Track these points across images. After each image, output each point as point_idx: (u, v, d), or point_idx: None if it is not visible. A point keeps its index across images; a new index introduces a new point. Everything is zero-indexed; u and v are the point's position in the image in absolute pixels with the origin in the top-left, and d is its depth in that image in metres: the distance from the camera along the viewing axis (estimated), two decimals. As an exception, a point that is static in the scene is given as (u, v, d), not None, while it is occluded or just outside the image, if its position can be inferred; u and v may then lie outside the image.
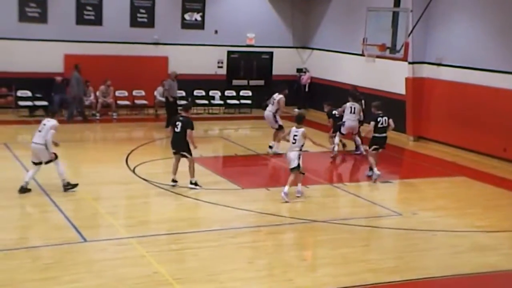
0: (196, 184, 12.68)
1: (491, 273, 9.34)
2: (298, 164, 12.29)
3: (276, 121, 16.00)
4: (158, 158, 15.34)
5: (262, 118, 19.69)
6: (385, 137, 14.10)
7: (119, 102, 20.85)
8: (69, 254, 9.17)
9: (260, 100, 23.01)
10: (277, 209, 11.75)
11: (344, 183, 14.02)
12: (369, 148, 14.12)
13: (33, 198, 11.73)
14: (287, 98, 16.43)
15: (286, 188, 12.17)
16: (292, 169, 12.35)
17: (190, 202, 12.01)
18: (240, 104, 22.60)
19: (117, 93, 20.85)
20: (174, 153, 12.74)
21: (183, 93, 20.82)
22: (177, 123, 12.56)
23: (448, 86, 17.85)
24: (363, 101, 16.40)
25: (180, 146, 12.55)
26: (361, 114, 16.08)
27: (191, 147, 12.49)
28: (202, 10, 22.16)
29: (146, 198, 12.35)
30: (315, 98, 22.77)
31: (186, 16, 22.00)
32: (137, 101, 21.26)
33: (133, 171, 13.85)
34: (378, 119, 13.89)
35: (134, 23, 21.25)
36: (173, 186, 12.62)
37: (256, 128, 20.55)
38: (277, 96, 16.15)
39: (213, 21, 22.24)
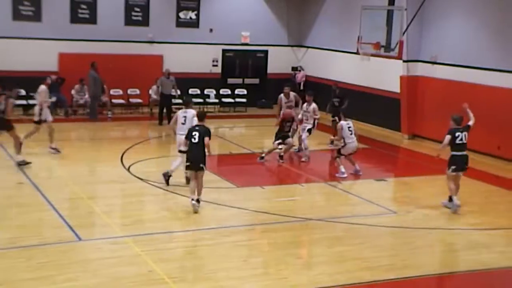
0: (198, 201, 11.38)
1: (486, 271, 9.36)
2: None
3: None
4: (153, 156, 15.32)
5: (257, 116, 19.76)
6: (466, 156, 12.13)
7: (114, 100, 20.81)
8: (64, 253, 9.14)
9: (255, 98, 23.06)
10: (272, 207, 11.75)
11: (339, 181, 14.03)
12: (448, 169, 12.03)
13: (27, 196, 11.71)
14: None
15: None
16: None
17: (185, 201, 11.97)
18: (235, 102, 22.58)
19: (112, 92, 20.81)
20: (189, 168, 11.32)
21: (179, 92, 20.78)
22: (194, 133, 11.26)
23: (442, 84, 17.88)
24: (346, 102, 16.18)
25: (199, 158, 11.21)
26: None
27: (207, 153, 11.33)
28: (197, 9, 22.13)
29: (141, 197, 12.33)
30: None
31: (181, 15, 21.97)
32: (132, 100, 21.23)
33: (128, 170, 13.83)
34: (457, 134, 11.97)
35: (128, 21, 21.21)
36: (197, 206, 11.23)
37: (251, 127, 20.55)
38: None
39: (208, 19, 22.22)
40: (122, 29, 21.07)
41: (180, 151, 12.51)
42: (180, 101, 21.16)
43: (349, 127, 14.03)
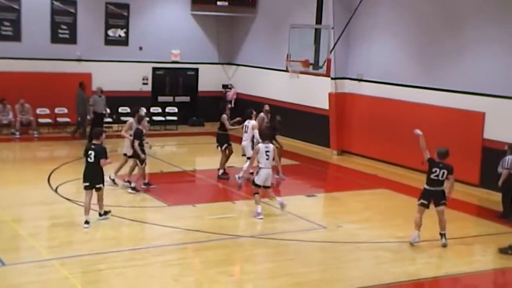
0: (106, 213, 11.68)
1: (411, 282, 9.65)
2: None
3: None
4: (81, 176, 14.98)
5: (188, 134, 19.62)
6: (439, 192, 11.09)
7: (40, 120, 20.29)
8: (-14, 279, 8.82)
9: (186, 116, 22.99)
10: (203, 225, 11.73)
11: (270, 198, 14.13)
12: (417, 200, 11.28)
13: None
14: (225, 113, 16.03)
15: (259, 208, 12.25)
16: (267, 187, 12.48)
17: (115, 221, 11.79)
18: (166, 120, 22.45)
19: (38, 111, 20.29)
20: (86, 188, 11.39)
21: (108, 110, 20.50)
22: (90, 152, 11.37)
23: (368, 101, 18.41)
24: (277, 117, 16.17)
25: (95, 178, 11.39)
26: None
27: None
28: (126, 26, 21.96)
29: (69, 218, 12.02)
30: (241, 113, 22.84)
31: (110, 32, 21.73)
32: (60, 119, 20.75)
33: (56, 190, 13.49)
34: (434, 169, 11.03)
35: (55, 39, 20.79)
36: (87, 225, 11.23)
37: (182, 145, 20.47)
38: (249, 123, 15.10)
39: (137, 37, 22.07)
40: (48, 47, 20.62)
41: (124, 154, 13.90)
42: (110, 120, 20.98)
43: (267, 151, 12.45)
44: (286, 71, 19.84)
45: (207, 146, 19.88)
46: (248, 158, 14.14)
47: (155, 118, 22.28)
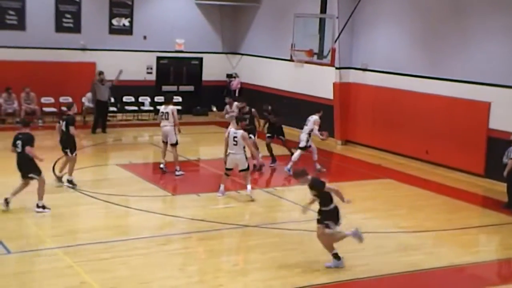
0: (44, 207, 11.38)
1: (415, 272, 9.66)
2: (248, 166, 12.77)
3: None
4: (86, 166, 15.02)
5: (192, 124, 19.61)
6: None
7: (45, 109, 20.32)
8: (-8, 267, 8.87)
9: (190, 106, 22.98)
10: (208, 215, 11.76)
11: (274, 187, 14.16)
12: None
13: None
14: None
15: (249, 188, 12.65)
16: (241, 171, 12.88)
17: (120, 210, 11.84)
18: (170, 110, 22.41)
19: (43, 100, 20.32)
20: (22, 177, 11.40)
21: (112, 100, 20.52)
22: (17, 142, 11.20)
23: (373, 91, 18.36)
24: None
25: (26, 167, 11.28)
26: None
27: (38, 162, 11.31)
28: (130, 16, 21.91)
29: (74, 207, 12.09)
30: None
31: (114, 22, 21.70)
32: (64, 108, 20.73)
33: (60, 179, 13.51)
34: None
35: (59, 28, 20.77)
36: (7, 206, 11.18)
37: (186, 134, 20.42)
38: (312, 118, 15.56)
39: (142, 26, 22.03)
40: (52, 36, 20.61)
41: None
42: (114, 109, 21.00)
43: (234, 137, 12.67)
44: (291, 60, 19.80)
45: (211, 136, 19.93)
46: (300, 148, 15.22)
47: (159, 107, 22.21)
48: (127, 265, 9.24)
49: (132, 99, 21.81)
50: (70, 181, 12.97)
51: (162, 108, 15.06)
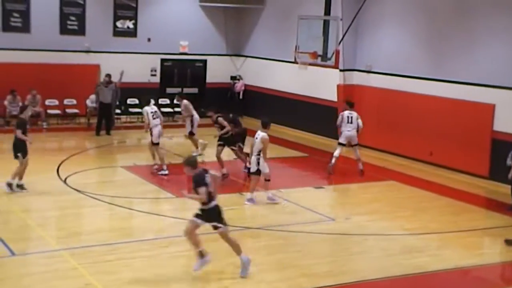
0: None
1: (420, 274, 9.63)
2: (258, 169, 12.54)
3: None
4: (90, 168, 15.06)
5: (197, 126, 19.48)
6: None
7: (49, 111, 20.36)
8: (-4, 268, 8.88)
9: (194, 108, 22.92)
10: (212, 217, 11.71)
11: (278, 189, 14.13)
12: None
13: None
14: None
15: (249, 195, 12.36)
16: (251, 174, 12.71)
17: (123, 212, 11.84)
18: (174, 112, 22.44)
19: (47, 102, 20.37)
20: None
21: (117, 102, 20.54)
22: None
23: (377, 93, 18.34)
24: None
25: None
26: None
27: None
28: (134, 18, 21.95)
29: (78, 209, 12.10)
30: (249, 105, 22.92)
31: (118, 24, 21.73)
32: (68, 110, 20.82)
33: (65, 181, 13.54)
34: None
35: (64, 30, 20.81)
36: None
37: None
38: (353, 114, 15.88)
39: (146, 28, 22.06)
40: (57, 38, 20.65)
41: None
42: (119, 111, 21.01)
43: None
44: (295, 62, 19.80)
45: (215, 138, 19.89)
46: (340, 144, 15.77)
47: (163, 109, 22.26)
48: (131, 267, 9.24)
49: (136, 101, 21.82)
50: (19, 185, 12.54)
51: (153, 108, 15.43)
